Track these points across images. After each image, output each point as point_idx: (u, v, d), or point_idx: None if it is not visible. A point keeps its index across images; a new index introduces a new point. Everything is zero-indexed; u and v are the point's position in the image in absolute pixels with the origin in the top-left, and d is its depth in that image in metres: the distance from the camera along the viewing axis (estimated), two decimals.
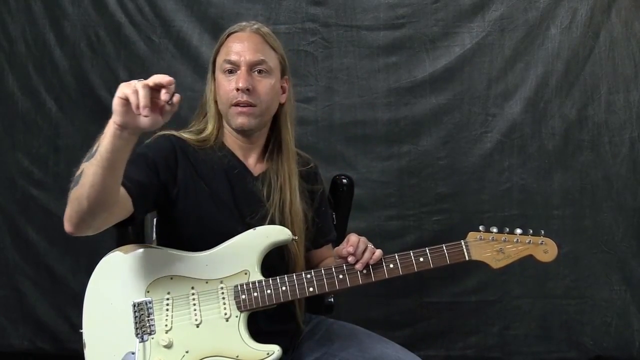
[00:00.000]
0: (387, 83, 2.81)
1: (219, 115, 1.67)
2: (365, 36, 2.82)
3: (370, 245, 1.54)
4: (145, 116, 1.20)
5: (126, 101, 1.21)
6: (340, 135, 2.80)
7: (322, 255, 1.78)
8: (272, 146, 1.69)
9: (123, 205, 1.39)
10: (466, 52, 2.79)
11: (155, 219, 1.73)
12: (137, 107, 1.19)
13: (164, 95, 1.22)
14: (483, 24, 2.78)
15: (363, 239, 1.54)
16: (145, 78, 3.03)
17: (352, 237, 1.53)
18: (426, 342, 2.81)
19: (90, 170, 1.27)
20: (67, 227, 1.35)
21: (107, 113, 3.09)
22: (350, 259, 1.51)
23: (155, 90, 1.22)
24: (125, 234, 1.89)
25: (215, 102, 1.67)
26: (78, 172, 1.32)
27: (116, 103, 1.23)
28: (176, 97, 1.24)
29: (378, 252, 1.52)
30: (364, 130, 2.82)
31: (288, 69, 1.72)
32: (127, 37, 2.82)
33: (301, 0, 2.81)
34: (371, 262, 1.51)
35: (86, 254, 2.75)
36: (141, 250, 1.54)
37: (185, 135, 1.64)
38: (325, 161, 2.54)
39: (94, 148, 1.29)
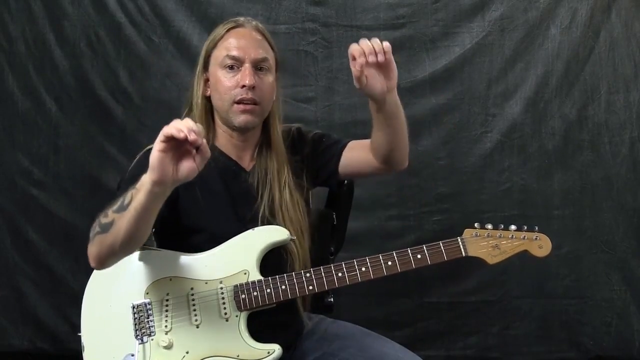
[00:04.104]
0: None
1: (207, 113, 1.64)
2: (365, 36, 2.79)
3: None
4: (195, 141, 1.21)
5: (164, 153, 1.22)
6: (340, 135, 2.78)
7: (355, 151, 1.77)
8: (262, 143, 1.69)
9: None
10: (466, 52, 2.78)
11: None
12: (186, 139, 1.20)
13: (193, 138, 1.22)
14: (483, 24, 2.78)
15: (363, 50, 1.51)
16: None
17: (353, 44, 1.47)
18: (426, 342, 2.81)
19: (123, 223, 1.31)
20: (94, 264, 1.41)
21: (107, 113, 3.09)
22: (360, 59, 1.48)
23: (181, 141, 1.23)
24: None
25: (206, 97, 1.64)
26: (106, 220, 1.35)
27: (155, 157, 1.23)
28: (204, 147, 1.25)
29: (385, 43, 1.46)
30: (364, 130, 2.78)
31: (279, 67, 1.71)
32: (127, 37, 2.82)
33: (301, 0, 2.81)
34: (380, 51, 1.47)
35: (86, 254, 2.74)
36: (139, 252, 1.53)
37: None
38: None
39: (126, 200, 1.31)
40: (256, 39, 1.63)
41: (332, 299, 1.87)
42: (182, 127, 1.21)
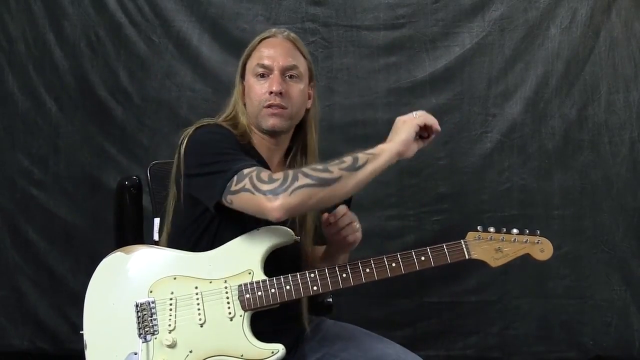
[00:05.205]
0: (387, 83, 2.81)
1: (247, 116, 1.69)
2: (365, 36, 2.82)
3: (355, 224, 1.65)
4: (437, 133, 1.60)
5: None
6: (340, 135, 2.80)
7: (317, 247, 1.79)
8: (296, 149, 1.72)
9: None
10: (466, 52, 2.79)
11: (157, 219, 1.73)
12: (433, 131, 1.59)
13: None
14: (483, 24, 2.78)
15: (349, 215, 1.64)
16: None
17: (340, 209, 1.64)
18: (426, 342, 2.81)
19: (352, 181, 1.45)
20: (283, 213, 1.41)
21: (107, 113, 3.09)
22: (330, 228, 1.63)
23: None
24: (124, 235, 1.89)
25: (244, 104, 1.70)
26: (330, 176, 1.43)
27: (411, 136, 1.56)
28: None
29: (357, 234, 1.66)
30: (364, 130, 2.82)
31: (314, 75, 1.76)
32: (127, 37, 2.82)
33: (301, 0, 2.81)
34: (348, 239, 1.64)
35: (86, 254, 2.75)
36: (143, 250, 1.54)
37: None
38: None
39: (359, 162, 1.48)
40: (287, 48, 1.67)
41: (330, 299, 1.88)
42: (435, 121, 1.58)
